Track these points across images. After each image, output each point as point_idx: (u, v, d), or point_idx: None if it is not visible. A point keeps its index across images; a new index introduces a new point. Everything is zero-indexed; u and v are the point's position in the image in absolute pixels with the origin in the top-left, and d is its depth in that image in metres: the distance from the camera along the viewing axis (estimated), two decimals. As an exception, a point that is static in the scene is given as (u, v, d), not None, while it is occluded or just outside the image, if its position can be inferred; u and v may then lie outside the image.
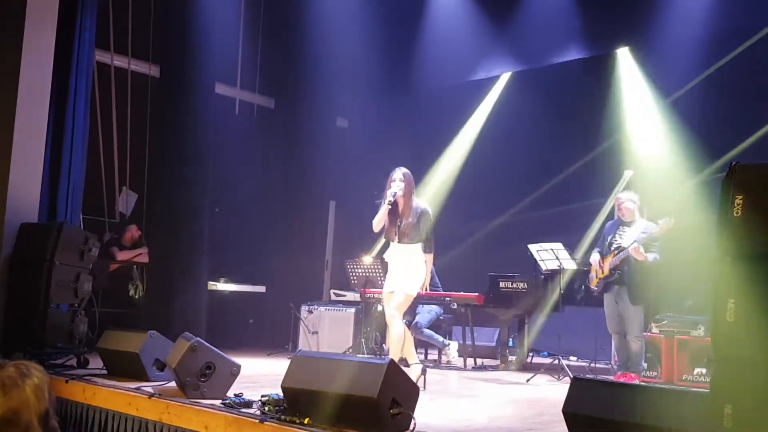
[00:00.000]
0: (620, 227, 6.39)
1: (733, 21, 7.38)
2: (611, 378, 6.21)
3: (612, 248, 6.33)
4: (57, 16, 6.61)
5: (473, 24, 9.14)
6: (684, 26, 7.58)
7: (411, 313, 7.62)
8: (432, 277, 7.94)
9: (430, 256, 5.60)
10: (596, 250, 6.54)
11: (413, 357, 5.49)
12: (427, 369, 5.64)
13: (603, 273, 6.31)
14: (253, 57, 10.00)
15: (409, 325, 7.59)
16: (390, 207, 5.49)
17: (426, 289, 5.97)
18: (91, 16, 7.13)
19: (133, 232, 8.54)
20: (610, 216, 6.74)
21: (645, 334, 6.71)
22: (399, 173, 5.51)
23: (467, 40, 9.20)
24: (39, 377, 1.87)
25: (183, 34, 7.91)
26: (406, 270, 5.45)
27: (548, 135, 9.05)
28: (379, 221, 5.53)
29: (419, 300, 7.83)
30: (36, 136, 6.47)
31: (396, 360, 5.32)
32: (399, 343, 5.41)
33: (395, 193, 5.43)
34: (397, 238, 5.51)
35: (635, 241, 6.12)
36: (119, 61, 8.97)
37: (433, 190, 9.64)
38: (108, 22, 8.62)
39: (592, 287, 6.49)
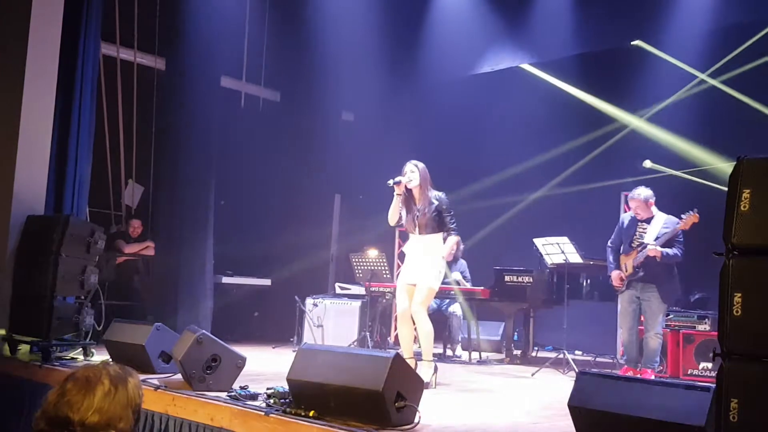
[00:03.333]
0: (640, 223, 6.22)
1: (742, 15, 7.34)
2: (616, 372, 6.20)
3: (634, 246, 6.20)
4: (63, 9, 6.61)
5: (480, 17, 9.10)
6: (695, 20, 7.53)
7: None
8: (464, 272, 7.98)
9: (455, 238, 5.54)
10: (609, 246, 6.45)
11: (430, 353, 5.43)
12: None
13: (627, 271, 6.22)
14: (259, 50, 9.98)
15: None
16: (401, 197, 5.46)
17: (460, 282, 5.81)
18: (97, 8, 7.12)
19: (133, 227, 8.53)
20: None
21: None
22: (410, 165, 5.48)
23: (473, 32, 9.16)
24: (138, 378, 2.13)
25: (189, 26, 7.90)
26: (426, 262, 5.38)
27: (556, 129, 9.03)
28: (393, 213, 5.50)
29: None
30: (42, 129, 6.48)
31: (430, 358, 5.34)
32: (430, 338, 5.38)
33: (400, 180, 5.39)
34: (417, 230, 5.46)
35: (656, 238, 6.01)
36: (125, 54, 8.97)
37: (438, 184, 9.62)
38: (114, 14, 8.61)
39: (616, 289, 6.32)
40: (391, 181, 5.42)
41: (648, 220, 6.19)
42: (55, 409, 1.95)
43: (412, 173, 5.43)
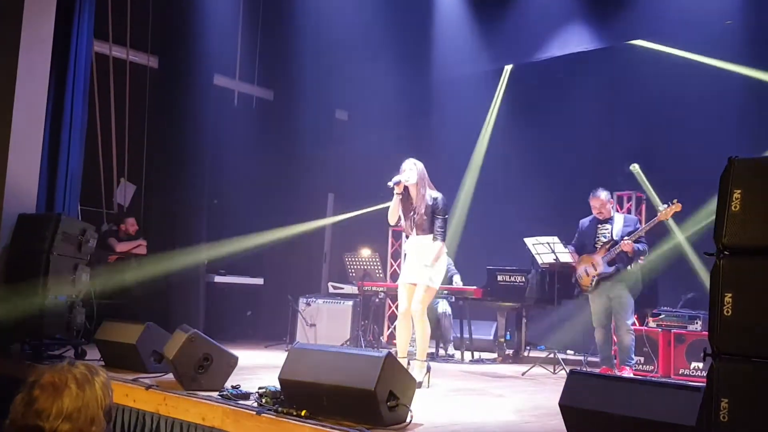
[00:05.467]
0: (600, 224, 6.47)
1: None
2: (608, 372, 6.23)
3: (598, 246, 6.38)
4: (55, 7, 6.59)
5: (475, 16, 9.11)
6: (689, 19, 7.56)
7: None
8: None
9: (440, 244, 5.45)
10: (570, 248, 6.62)
11: (425, 353, 5.42)
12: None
13: (596, 271, 6.33)
14: (252, 49, 9.97)
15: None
16: (400, 196, 5.41)
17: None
18: (90, 6, 7.10)
19: (128, 225, 8.50)
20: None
21: (643, 328, 6.75)
22: (409, 162, 5.42)
23: (469, 31, 9.17)
24: (105, 376, 2.05)
25: (182, 25, 7.89)
26: (425, 262, 5.35)
27: (550, 128, 9.05)
28: (392, 212, 5.45)
29: None
30: (34, 127, 6.45)
31: (424, 358, 5.34)
32: (426, 339, 5.38)
33: (400, 180, 5.33)
34: (414, 230, 5.44)
35: (626, 234, 6.23)
36: (118, 52, 8.93)
37: (432, 183, 9.62)
38: (107, 12, 8.58)
39: (585, 288, 6.45)
40: (391, 183, 5.35)
41: (607, 221, 6.43)
42: (24, 419, 1.90)
43: (410, 171, 5.37)
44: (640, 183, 7.75)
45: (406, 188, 5.42)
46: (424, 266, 5.33)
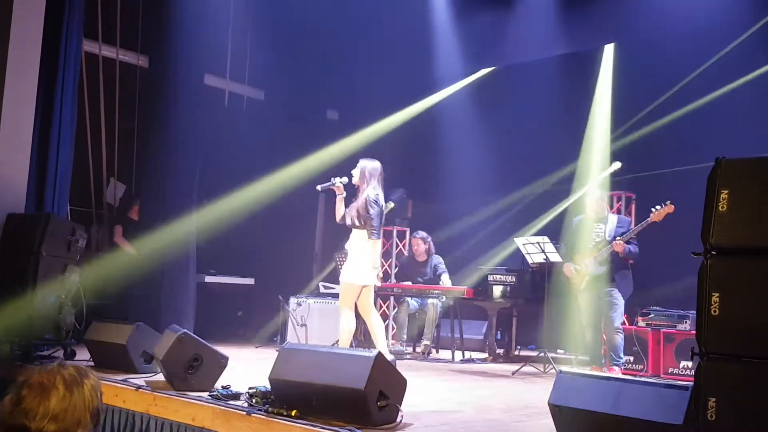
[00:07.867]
0: (595, 224, 6.47)
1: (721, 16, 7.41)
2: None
3: (591, 245, 6.41)
4: (45, 6, 6.56)
5: (465, 17, 9.13)
6: (671, 23, 7.60)
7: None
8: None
9: (378, 243, 5.71)
10: (562, 245, 6.66)
11: (385, 348, 5.61)
12: (415, 361, 5.68)
13: (587, 268, 6.35)
14: (243, 48, 9.94)
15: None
16: (343, 195, 5.71)
17: (379, 277, 6.09)
18: (79, 5, 7.07)
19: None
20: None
21: (632, 327, 6.78)
22: (360, 162, 5.73)
23: (459, 33, 9.19)
24: (94, 379, 2.05)
25: (172, 24, 7.85)
26: (352, 258, 5.61)
27: (538, 128, 9.07)
28: (337, 211, 5.76)
29: (407, 293, 7.86)
30: (23, 127, 6.42)
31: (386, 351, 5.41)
32: (382, 334, 5.59)
33: (334, 183, 5.68)
34: (350, 225, 5.67)
35: (619, 235, 6.23)
36: (107, 51, 8.89)
37: (424, 183, 9.65)
38: (96, 11, 8.53)
39: (576, 287, 6.49)
40: (319, 187, 5.77)
41: (602, 221, 6.44)
42: (11, 418, 1.90)
43: (353, 170, 5.72)
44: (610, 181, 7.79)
45: (357, 186, 5.70)
46: (348, 263, 5.59)
